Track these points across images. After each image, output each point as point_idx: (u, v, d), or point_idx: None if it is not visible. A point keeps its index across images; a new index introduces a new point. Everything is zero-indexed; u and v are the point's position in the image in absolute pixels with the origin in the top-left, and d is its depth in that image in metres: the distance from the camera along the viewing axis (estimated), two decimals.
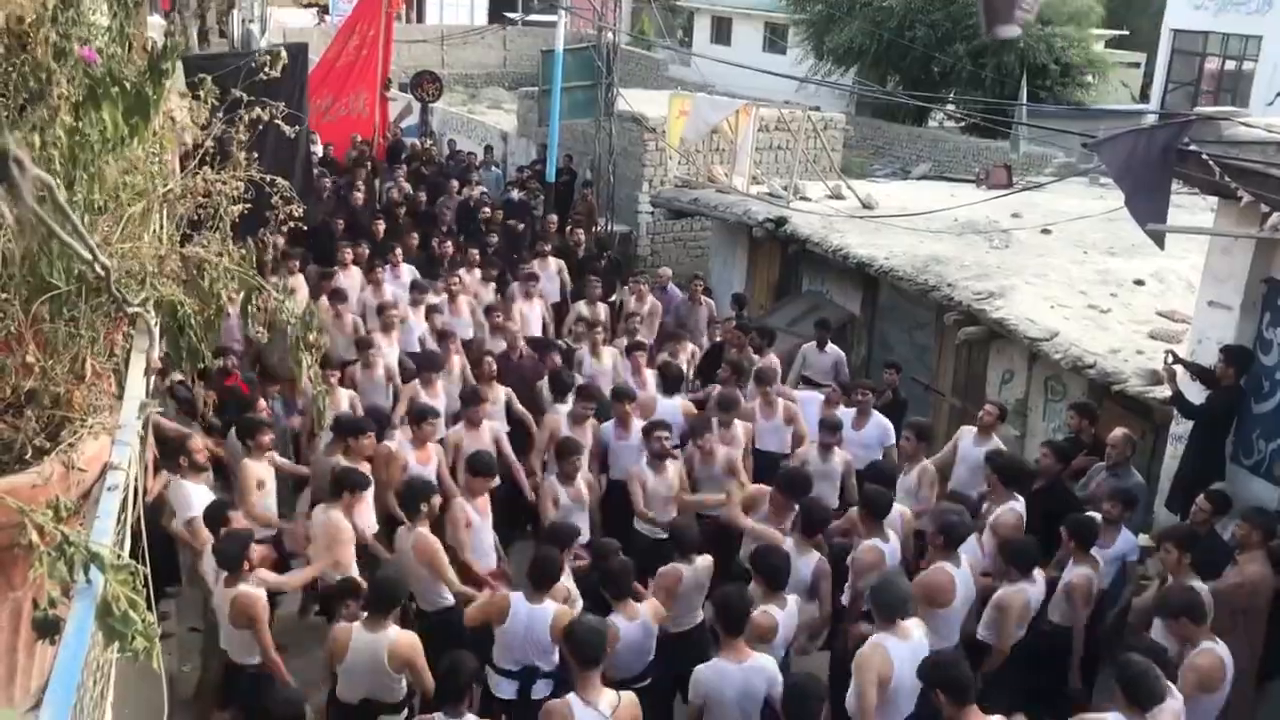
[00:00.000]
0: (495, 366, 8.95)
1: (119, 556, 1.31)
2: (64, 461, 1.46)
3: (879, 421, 8.63)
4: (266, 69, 2.18)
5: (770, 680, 5.12)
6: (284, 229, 2.21)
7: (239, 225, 1.99)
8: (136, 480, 1.83)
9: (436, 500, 6.54)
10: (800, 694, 4.76)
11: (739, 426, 8.24)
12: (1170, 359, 7.60)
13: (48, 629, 1.26)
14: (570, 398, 8.42)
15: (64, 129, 1.54)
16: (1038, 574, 6.21)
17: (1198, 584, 5.85)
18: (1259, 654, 6.13)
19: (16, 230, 1.57)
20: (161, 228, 1.86)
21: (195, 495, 6.55)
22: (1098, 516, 6.71)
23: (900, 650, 5.15)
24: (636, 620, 5.67)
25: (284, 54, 2.32)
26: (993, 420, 8.21)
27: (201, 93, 2.06)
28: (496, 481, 7.61)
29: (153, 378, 1.73)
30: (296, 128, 2.32)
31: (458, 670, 4.93)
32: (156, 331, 1.75)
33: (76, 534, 1.28)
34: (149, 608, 1.53)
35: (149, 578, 2.55)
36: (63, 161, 1.53)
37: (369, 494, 6.95)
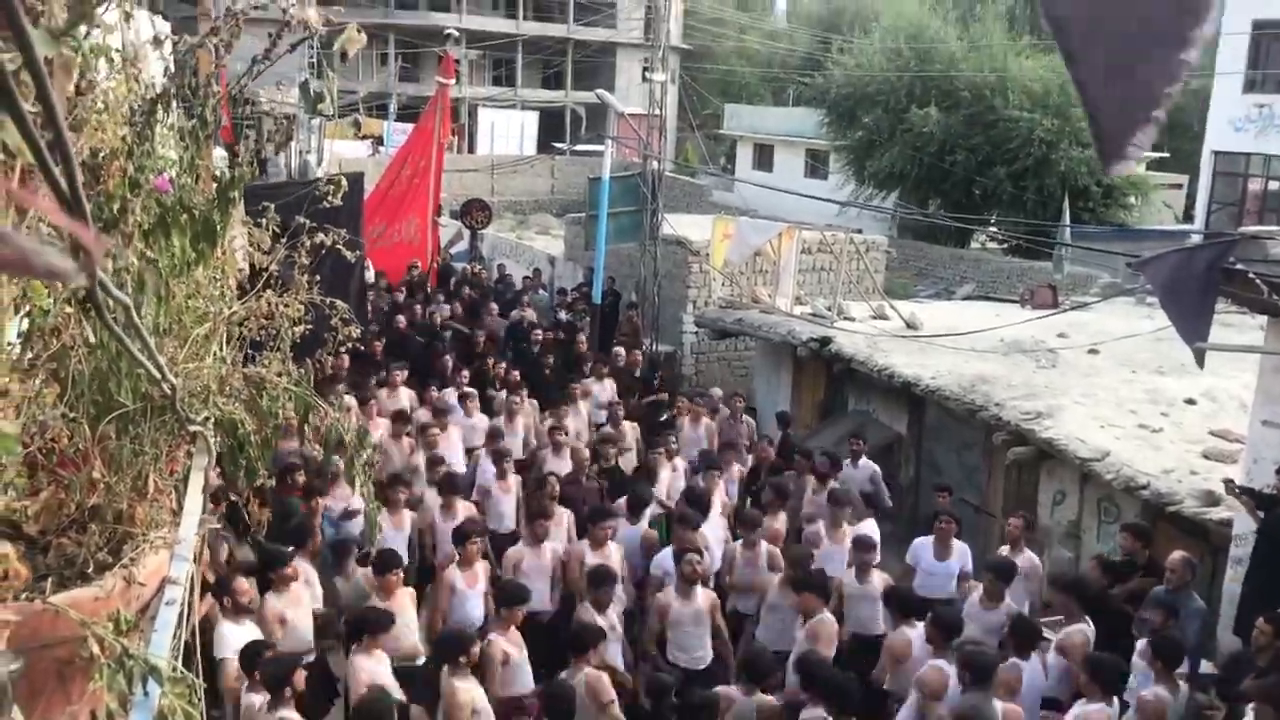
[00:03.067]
0: (558, 488, 8.94)
1: (176, 670, 1.33)
2: (125, 576, 1.49)
3: (962, 551, 8.37)
4: (329, 198, 2.28)
5: None
6: (342, 350, 2.28)
7: (298, 346, 2.06)
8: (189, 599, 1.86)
9: (476, 651, 6.46)
10: None
11: (763, 547, 8.16)
12: (1233, 488, 7.42)
13: None
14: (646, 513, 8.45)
15: (136, 255, 1.63)
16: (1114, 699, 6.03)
17: None
18: None
19: (87, 351, 1.65)
20: (224, 349, 1.93)
21: (233, 636, 6.51)
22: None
23: None
24: None
25: (344, 181, 2.43)
26: (1018, 532, 8.08)
27: (264, 220, 2.16)
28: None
29: (208, 497, 1.78)
30: (356, 253, 2.41)
31: None
32: (215, 449, 1.80)
33: (136, 647, 1.30)
34: None
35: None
36: (133, 286, 1.61)
37: (399, 626, 6.89)
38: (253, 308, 1.98)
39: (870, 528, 8.56)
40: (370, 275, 16.25)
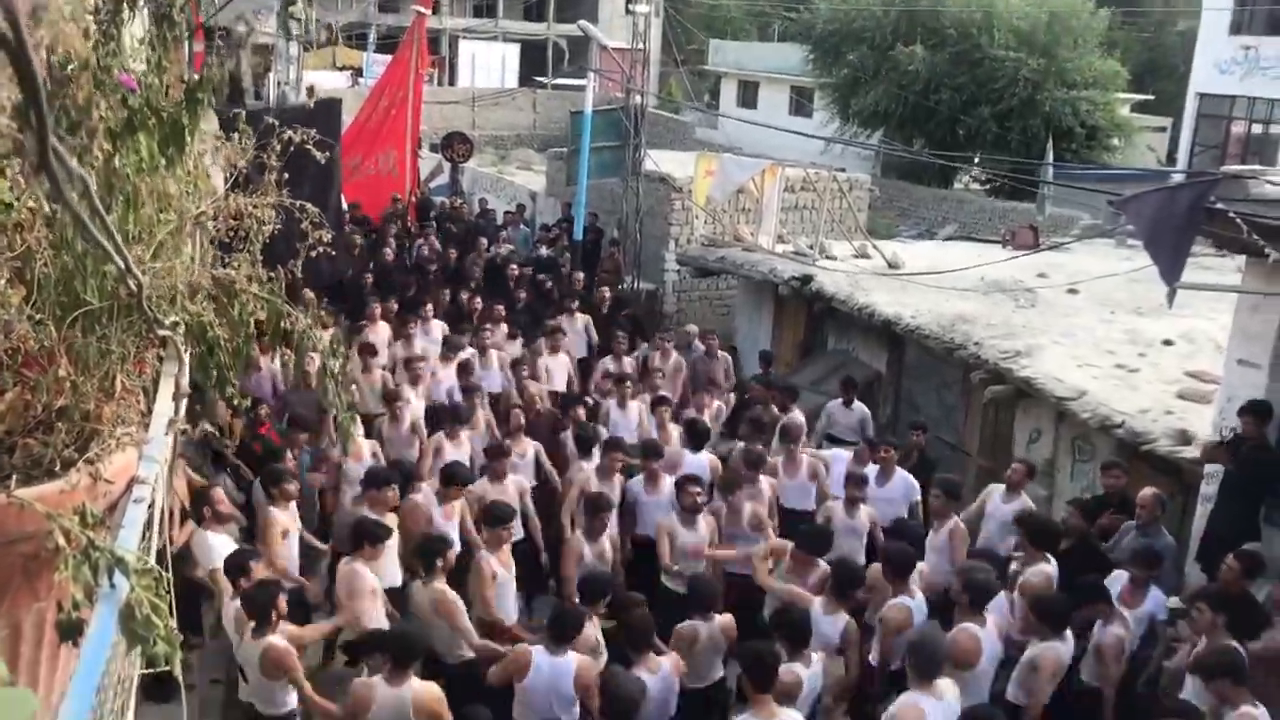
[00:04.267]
0: (524, 420, 9.01)
1: (143, 562, 1.32)
2: (91, 473, 1.48)
3: (903, 478, 8.60)
4: (308, 103, 2.23)
5: None
6: (314, 253, 2.23)
7: (269, 250, 2.03)
8: (163, 514, 1.85)
9: (452, 555, 6.52)
10: None
11: (764, 483, 8.21)
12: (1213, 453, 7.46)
13: (70, 631, 1.27)
14: (595, 453, 8.43)
15: (102, 152, 1.58)
16: (1068, 633, 6.11)
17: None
18: None
19: (53, 254, 1.61)
20: (194, 249, 1.89)
21: (218, 546, 6.55)
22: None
23: (935, 710, 5.08)
24: (658, 674, 5.61)
25: (317, 91, 2.38)
26: (1021, 478, 8.16)
27: (238, 127, 2.11)
28: (519, 534, 7.63)
29: (182, 406, 1.76)
30: (326, 154, 2.36)
31: None
32: (186, 356, 1.77)
33: (102, 539, 1.29)
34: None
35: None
36: (100, 187, 1.56)
37: (392, 546, 6.95)
38: (222, 207, 1.94)
39: (870, 469, 8.62)
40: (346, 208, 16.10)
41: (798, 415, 9.82)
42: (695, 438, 8.91)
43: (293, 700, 5.78)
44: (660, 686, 5.63)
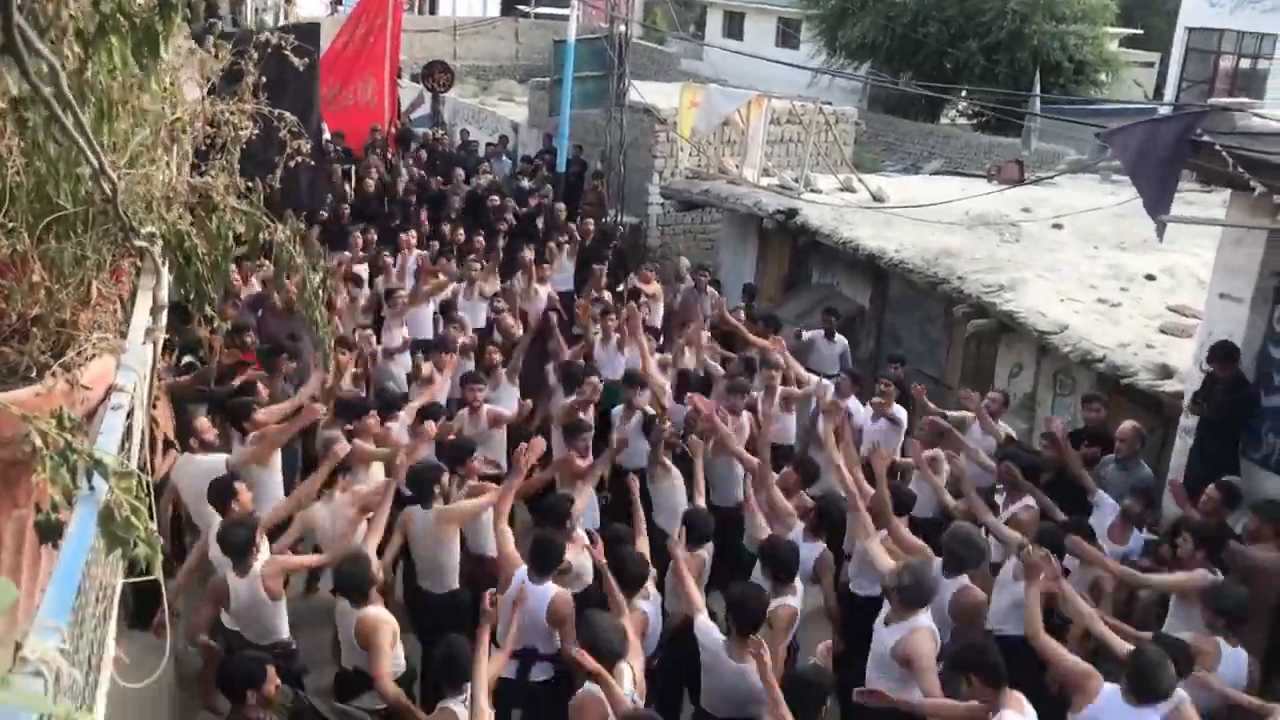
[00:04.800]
0: (499, 354, 8.98)
1: (123, 465, 1.30)
2: (68, 379, 1.45)
3: (897, 415, 8.63)
4: (286, 25, 2.17)
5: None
6: (294, 164, 2.18)
7: (246, 159, 1.98)
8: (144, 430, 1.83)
9: (446, 479, 6.52)
10: (804, 683, 4.73)
11: (745, 416, 8.23)
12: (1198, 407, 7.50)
13: (49, 533, 1.25)
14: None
15: (73, 54, 1.53)
16: None
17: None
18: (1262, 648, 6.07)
19: (25, 163, 1.57)
20: (170, 158, 1.84)
21: (202, 474, 6.51)
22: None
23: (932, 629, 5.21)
24: (647, 601, 5.64)
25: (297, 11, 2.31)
26: (998, 409, 8.22)
27: (214, 39, 2.06)
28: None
29: (162, 318, 1.73)
30: (304, 60, 2.31)
31: (456, 654, 4.92)
32: (164, 269, 1.74)
33: (80, 443, 1.27)
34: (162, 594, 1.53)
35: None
36: (72, 92, 1.51)
37: (371, 473, 6.96)
38: (198, 111, 1.89)
39: (853, 404, 8.64)
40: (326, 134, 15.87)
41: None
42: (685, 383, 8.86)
43: (283, 630, 5.80)
44: (648, 616, 5.65)
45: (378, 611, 5.33)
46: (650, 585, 5.80)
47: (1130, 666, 4.69)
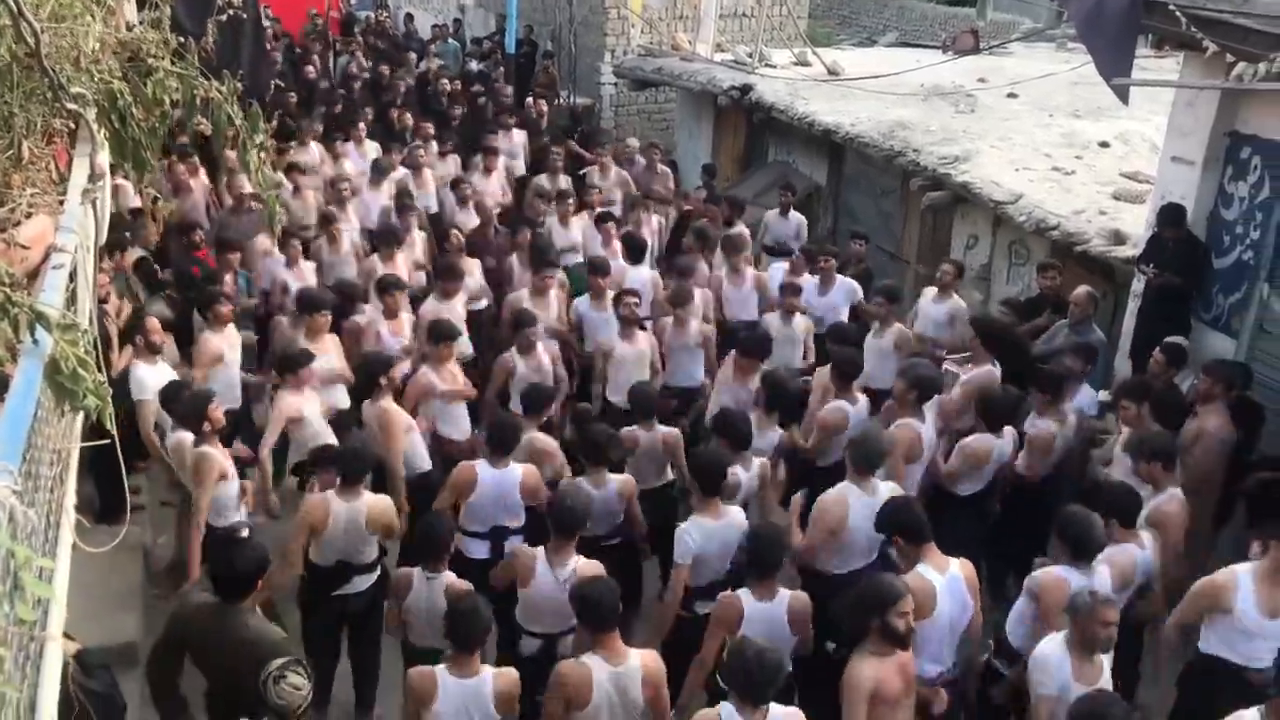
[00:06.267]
0: (463, 239, 8.90)
1: (67, 319, 1.28)
2: (3, 236, 1.42)
3: (844, 284, 8.70)
4: None
5: (742, 530, 5.25)
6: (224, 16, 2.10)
7: (181, 9, 1.90)
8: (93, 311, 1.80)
9: (396, 372, 6.51)
10: (765, 539, 4.85)
11: (698, 295, 8.24)
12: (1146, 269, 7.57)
13: None
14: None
15: None
16: (1007, 431, 6.33)
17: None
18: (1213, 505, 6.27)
19: None
20: (98, 13, 1.76)
21: (152, 376, 6.46)
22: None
23: (860, 504, 5.28)
24: (604, 487, 5.73)
25: None
26: (951, 279, 8.31)
27: None
28: (469, 350, 7.67)
29: (105, 185, 1.68)
30: None
31: (434, 532, 5.00)
32: (100, 136, 1.69)
33: (21, 295, 1.25)
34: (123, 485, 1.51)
35: (119, 448, 2.52)
36: None
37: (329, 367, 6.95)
38: None
39: (805, 281, 8.67)
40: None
41: (742, 228, 9.82)
42: (634, 252, 8.87)
43: (241, 513, 5.86)
44: (606, 498, 5.73)
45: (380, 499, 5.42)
46: (612, 476, 5.86)
47: (1059, 532, 4.87)
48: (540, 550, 4.98)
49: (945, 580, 4.69)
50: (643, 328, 7.72)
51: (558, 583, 4.87)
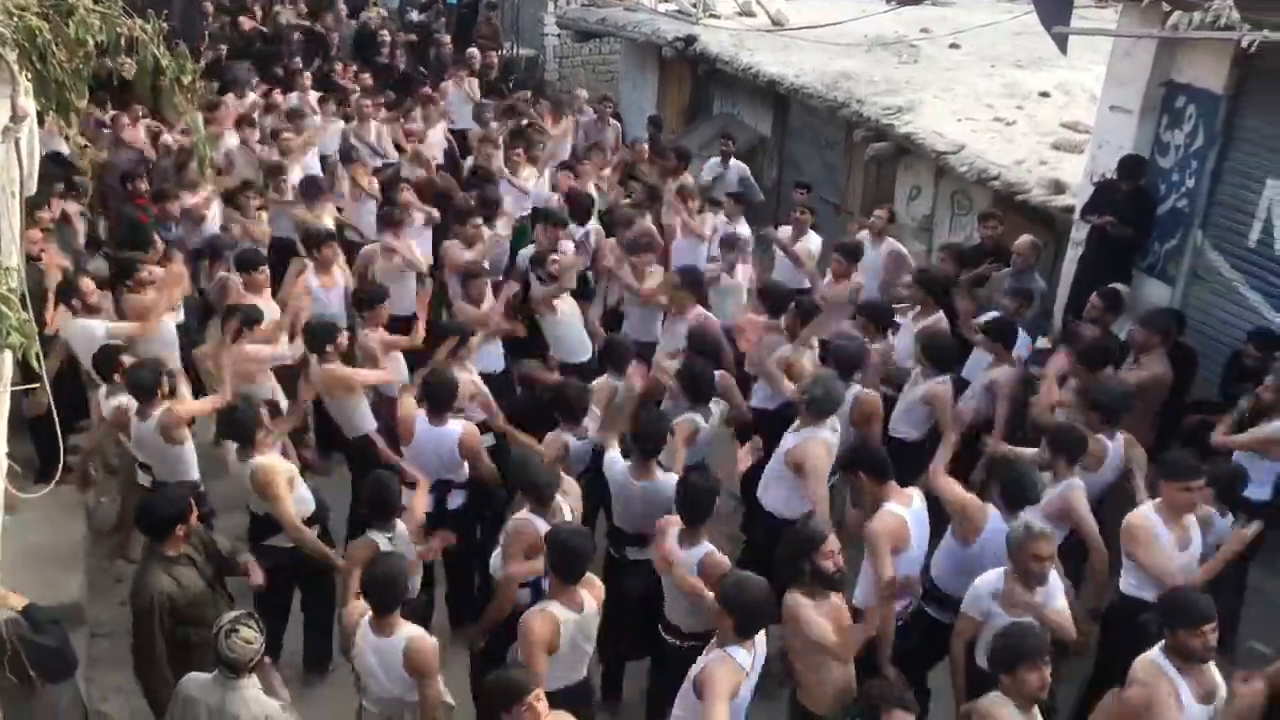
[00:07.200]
0: (412, 193, 8.78)
1: None
2: None
3: (812, 239, 8.66)
4: None
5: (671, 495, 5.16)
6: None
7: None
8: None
9: (343, 339, 6.41)
10: (694, 487, 4.81)
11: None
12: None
13: None
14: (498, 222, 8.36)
15: None
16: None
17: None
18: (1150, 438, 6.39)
19: None
20: None
21: (87, 338, 6.33)
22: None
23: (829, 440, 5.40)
24: (584, 440, 5.74)
25: None
26: (883, 224, 8.42)
27: None
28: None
29: (29, 127, 1.63)
30: None
31: (384, 489, 4.96)
32: (22, 77, 1.63)
33: None
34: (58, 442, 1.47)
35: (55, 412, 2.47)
36: None
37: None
38: None
39: (742, 226, 8.68)
40: None
41: (688, 178, 9.80)
42: (579, 213, 8.77)
43: (192, 471, 5.81)
44: (581, 452, 5.76)
45: (268, 461, 5.28)
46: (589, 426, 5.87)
47: (1001, 480, 4.96)
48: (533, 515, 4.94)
49: (912, 513, 4.80)
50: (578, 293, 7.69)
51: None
